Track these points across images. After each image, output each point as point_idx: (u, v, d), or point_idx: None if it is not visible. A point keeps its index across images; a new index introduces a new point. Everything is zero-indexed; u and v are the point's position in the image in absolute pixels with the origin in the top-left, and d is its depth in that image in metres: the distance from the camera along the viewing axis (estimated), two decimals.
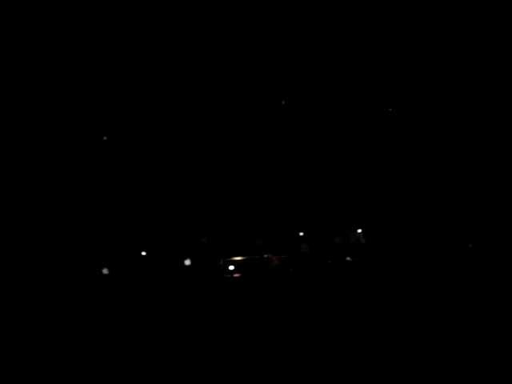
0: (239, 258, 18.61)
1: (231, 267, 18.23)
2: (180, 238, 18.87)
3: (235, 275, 18.06)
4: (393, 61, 21.78)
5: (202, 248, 18.73)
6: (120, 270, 17.44)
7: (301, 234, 20.64)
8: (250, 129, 21.49)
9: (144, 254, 18.33)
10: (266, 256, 18.81)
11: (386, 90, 22.21)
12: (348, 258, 19.83)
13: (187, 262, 18.20)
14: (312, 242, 20.44)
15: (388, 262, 18.83)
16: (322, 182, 21.74)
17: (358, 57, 21.81)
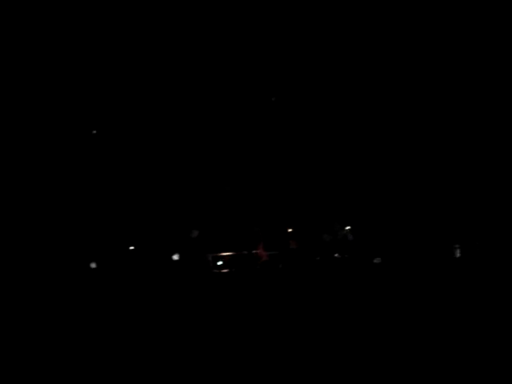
0: (228, 253, 18.59)
1: (220, 262, 18.21)
2: (168, 232, 18.82)
3: (224, 271, 18.04)
4: (391, 60, 21.86)
5: (190, 243, 18.68)
6: (108, 265, 17.38)
7: (289, 231, 20.64)
8: (236, 125, 21.46)
9: (132, 248, 18.27)
10: (254, 252, 18.80)
11: (380, 90, 22.26)
12: (336, 255, 19.85)
13: (175, 257, 18.15)
14: (300, 238, 20.44)
15: (377, 259, 18.87)
16: (311, 179, 21.75)
17: (355, 56, 21.85)
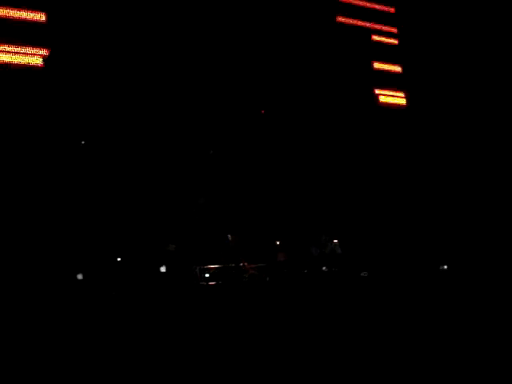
0: (215, 265, 18.57)
1: (207, 275, 18.17)
2: (156, 244, 18.80)
3: (211, 283, 18.00)
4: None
5: (177, 255, 18.66)
6: (95, 276, 17.31)
7: (277, 243, 20.67)
8: (226, 137, 21.51)
9: (119, 259, 18.22)
10: (241, 264, 18.79)
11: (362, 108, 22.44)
12: (324, 268, 19.88)
13: (163, 269, 18.12)
14: (288, 250, 20.47)
15: (364, 272, 18.91)
16: (298, 192, 21.82)
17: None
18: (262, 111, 22.27)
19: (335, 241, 20.84)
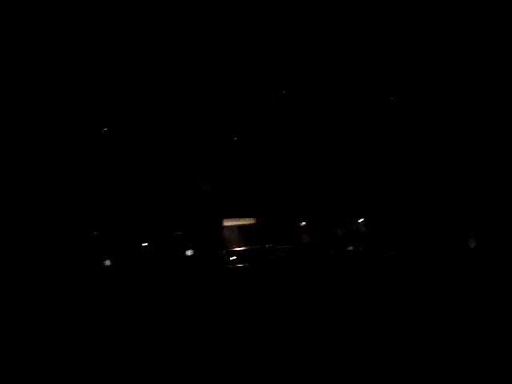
0: (241, 248, 18.60)
1: (233, 257, 18.21)
2: (183, 228, 18.87)
3: (237, 265, 18.04)
4: (391, 59, 21.80)
5: (204, 238, 18.72)
6: (122, 261, 17.43)
7: (302, 224, 20.63)
8: (252, 120, 21.45)
9: (146, 244, 18.32)
10: (267, 246, 18.80)
11: (386, 84, 22.21)
12: (350, 248, 19.81)
13: (189, 253, 18.19)
14: (313, 231, 20.43)
15: (390, 251, 18.81)
16: (323, 172, 21.72)
17: (357, 53, 21.81)
18: (283, 92, 22.16)
19: (360, 220, 20.76)
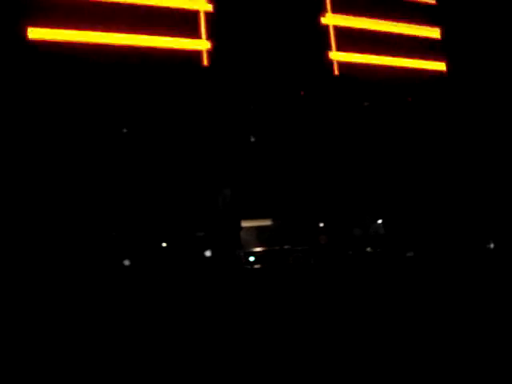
0: (259, 249, 18.62)
1: (251, 258, 18.24)
2: (201, 229, 18.91)
3: (255, 266, 18.07)
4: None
5: (222, 239, 18.76)
6: (141, 261, 17.51)
7: (320, 225, 20.61)
8: (269, 121, 21.46)
9: (164, 245, 18.38)
10: (286, 247, 18.80)
11: (403, 82, 22.15)
12: (368, 249, 19.79)
13: (208, 253, 18.24)
14: (332, 232, 20.41)
15: (409, 253, 18.77)
16: (341, 173, 21.68)
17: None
18: (302, 92, 22.14)
19: (379, 221, 20.71)
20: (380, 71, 22.34)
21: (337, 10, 22.15)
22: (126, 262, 17.30)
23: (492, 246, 19.37)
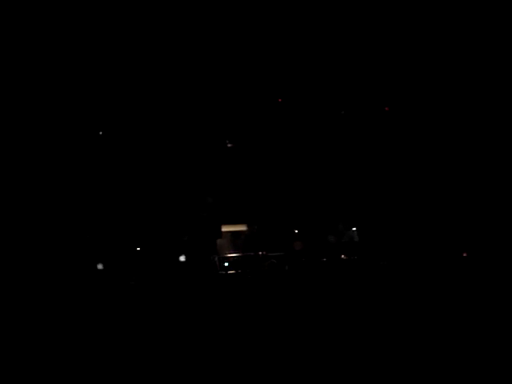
0: (234, 254, 18.58)
1: (226, 264, 18.19)
2: (175, 233, 18.84)
3: (230, 272, 18.02)
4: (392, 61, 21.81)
5: (196, 244, 18.70)
6: (114, 266, 17.38)
7: (295, 232, 20.62)
8: (245, 126, 21.47)
9: (138, 249, 18.28)
10: (260, 253, 18.78)
11: (383, 90, 22.23)
12: (343, 256, 19.82)
13: (182, 258, 18.17)
14: (306, 239, 20.42)
15: (383, 261, 18.83)
16: (316, 179, 21.74)
17: (357, 57, 21.81)
18: (279, 100, 22.18)
19: (353, 229, 20.77)
20: None
21: None
22: (99, 266, 17.18)
23: (466, 254, 19.51)
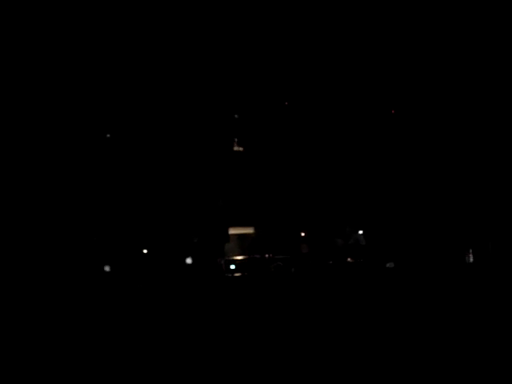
0: (240, 257, 18.62)
1: (232, 266, 18.23)
2: (182, 236, 18.89)
3: (236, 274, 18.06)
4: (394, 62, 21.79)
5: (203, 247, 18.75)
6: (122, 268, 17.45)
7: (302, 235, 20.65)
8: (250, 129, 21.49)
9: (145, 251, 18.34)
10: (267, 256, 18.81)
11: (388, 91, 22.23)
12: (349, 259, 19.84)
13: (189, 261, 18.22)
14: (313, 242, 20.44)
15: (388, 263, 18.84)
16: (323, 183, 21.75)
17: (360, 58, 21.81)
18: (286, 103, 22.21)
19: (360, 232, 20.78)
20: None
21: None
22: (107, 268, 17.26)
23: (471, 257, 19.51)
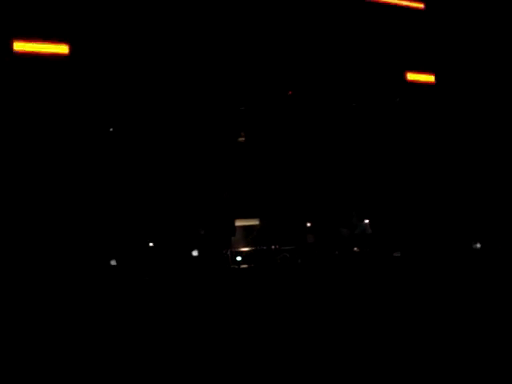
0: (246, 248, 18.62)
1: (238, 258, 18.23)
2: (187, 228, 18.87)
3: (242, 266, 18.07)
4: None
5: (209, 239, 18.73)
6: (127, 261, 17.45)
7: (307, 225, 20.62)
8: (255, 119, 21.44)
9: (151, 244, 18.34)
10: (273, 247, 18.80)
11: (394, 80, 22.17)
12: (355, 249, 19.82)
13: (194, 253, 18.21)
14: (318, 232, 20.42)
15: (396, 253, 18.82)
16: (328, 172, 21.71)
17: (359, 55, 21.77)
18: (290, 92, 22.12)
19: (366, 221, 20.75)
20: None
21: None
22: (113, 262, 17.25)
23: (478, 245, 19.47)
